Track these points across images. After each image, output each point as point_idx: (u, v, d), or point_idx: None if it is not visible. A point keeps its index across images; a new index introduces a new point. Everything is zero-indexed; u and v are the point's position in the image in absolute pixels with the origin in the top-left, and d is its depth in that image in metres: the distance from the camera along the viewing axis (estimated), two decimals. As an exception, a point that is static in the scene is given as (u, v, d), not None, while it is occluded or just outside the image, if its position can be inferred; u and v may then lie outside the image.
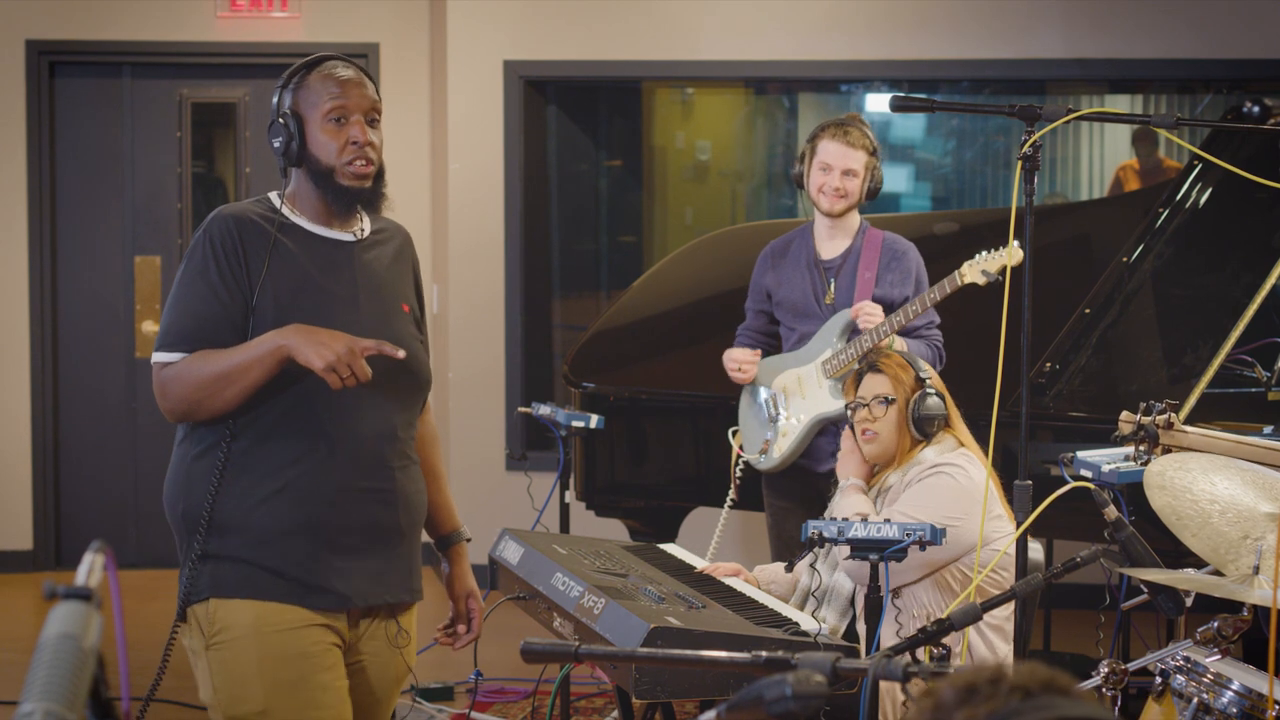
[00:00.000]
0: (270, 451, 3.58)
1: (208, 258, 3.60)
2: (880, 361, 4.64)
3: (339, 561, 3.61)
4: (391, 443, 3.69)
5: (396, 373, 3.69)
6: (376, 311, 3.72)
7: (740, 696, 2.10)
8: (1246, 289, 5.73)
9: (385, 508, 3.69)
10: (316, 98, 3.67)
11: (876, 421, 4.57)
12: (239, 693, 3.56)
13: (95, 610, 1.73)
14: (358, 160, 3.65)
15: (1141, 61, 8.52)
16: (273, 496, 3.57)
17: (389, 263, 3.81)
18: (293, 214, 3.70)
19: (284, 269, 3.62)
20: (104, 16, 8.96)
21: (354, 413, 3.62)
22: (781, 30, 8.58)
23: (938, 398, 4.55)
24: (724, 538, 6.06)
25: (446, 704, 6.52)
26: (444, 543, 4.01)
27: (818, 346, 5.52)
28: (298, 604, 3.57)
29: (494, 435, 8.71)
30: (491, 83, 8.66)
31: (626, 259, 9.91)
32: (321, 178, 3.67)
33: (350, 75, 3.69)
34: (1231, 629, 3.70)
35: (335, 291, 3.67)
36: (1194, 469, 3.79)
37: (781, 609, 4.38)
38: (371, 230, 3.80)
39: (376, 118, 3.71)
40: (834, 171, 5.47)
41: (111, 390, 9.02)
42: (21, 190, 8.94)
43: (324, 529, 3.59)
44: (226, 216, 3.66)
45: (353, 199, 3.69)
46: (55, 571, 8.97)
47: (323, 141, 3.66)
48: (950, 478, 4.39)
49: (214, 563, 3.58)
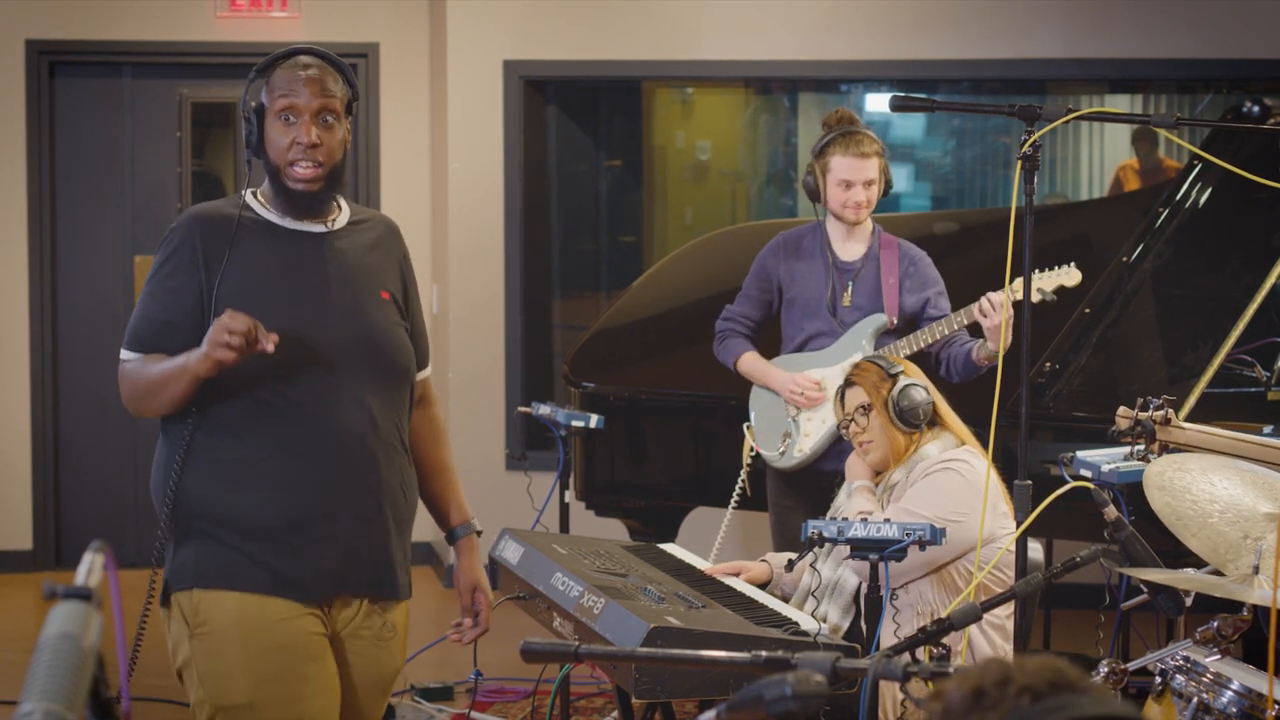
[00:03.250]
0: (249, 439, 3.59)
1: (168, 260, 3.66)
2: (851, 374, 4.66)
3: (319, 551, 3.61)
4: (372, 431, 3.68)
5: (370, 359, 3.69)
6: (348, 299, 3.70)
7: (740, 696, 2.10)
8: (1246, 289, 5.73)
9: (368, 497, 3.68)
10: (274, 94, 3.67)
11: (865, 431, 4.59)
12: (225, 685, 3.56)
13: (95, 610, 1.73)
14: (301, 162, 3.64)
15: (1141, 61, 8.52)
16: (253, 484, 3.58)
17: (366, 250, 3.78)
18: (263, 208, 3.71)
19: (245, 267, 3.63)
20: (104, 16, 8.95)
21: (329, 401, 3.62)
22: (781, 30, 8.57)
23: (918, 387, 4.55)
24: (727, 537, 6.06)
25: (446, 704, 6.51)
26: (453, 535, 4.01)
27: (845, 349, 5.49)
28: (280, 596, 3.57)
29: (494, 435, 8.71)
30: (491, 82, 8.65)
31: (626, 259, 9.90)
32: (272, 175, 3.69)
33: (310, 73, 3.66)
34: (1231, 629, 3.70)
35: (301, 281, 3.66)
36: (1194, 469, 3.79)
37: (781, 609, 4.38)
38: (349, 220, 3.79)
39: (330, 118, 3.67)
40: (855, 186, 5.46)
41: (111, 390, 8.90)
42: (21, 190, 8.93)
43: (305, 518, 3.59)
44: (190, 217, 3.71)
45: (300, 202, 3.68)
46: (55, 571, 8.97)
47: (273, 139, 3.67)
48: (957, 474, 4.39)
49: (195, 550, 3.59)
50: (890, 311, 5.47)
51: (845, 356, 5.48)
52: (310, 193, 3.67)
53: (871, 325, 5.47)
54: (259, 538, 3.57)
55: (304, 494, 3.60)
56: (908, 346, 5.29)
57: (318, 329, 3.63)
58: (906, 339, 5.35)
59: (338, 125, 3.69)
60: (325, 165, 3.66)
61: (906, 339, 5.35)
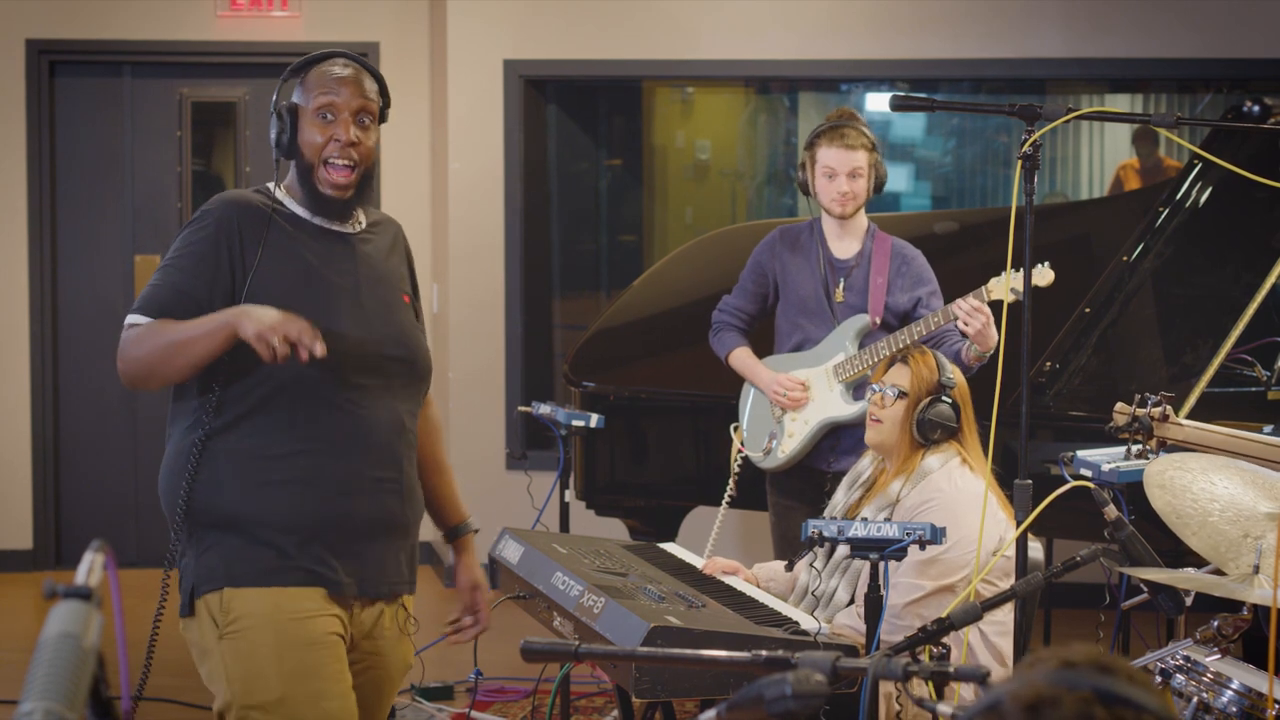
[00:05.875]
0: (279, 438, 3.59)
1: (205, 238, 3.62)
2: (911, 355, 4.62)
3: (350, 549, 3.63)
4: (400, 433, 3.72)
5: (399, 362, 3.72)
6: (378, 303, 3.74)
7: (740, 696, 2.10)
8: (1246, 288, 5.73)
9: (394, 498, 3.71)
10: (311, 92, 3.69)
11: (884, 410, 4.57)
12: (256, 682, 3.56)
13: (95, 609, 1.73)
14: (337, 160, 3.65)
15: (1141, 61, 8.52)
16: (284, 482, 3.58)
17: (387, 254, 3.84)
18: (293, 203, 3.73)
19: (282, 257, 3.64)
20: (104, 16, 8.95)
21: (362, 402, 3.64)
22: (782, 29, 8.58)
23: (950, 407, 4.51)
24: (723, 537, 6.06)
25: (446, 703, 6.52)
26: (452, 534, 4.03)
27: (829, 349, 5.50)
28: (314, 585, 3.58)
29: (494, 434, 8.71)
30: (492, 82, 8.66)
31: (627, 258, 9.91)
32: (304, 174, 3.69)
33: (347, 74, 3.71)
34: (1231, 628, 3.71)
35: (337, 283, 3.69)
36: (1194, 468, 3.79)
37: (781, 608, 4.38)
38: (367, 224, 3.83)
39: (368, 120, 3.71)
40: (839, 176, 5.46)
41: (112, 389, 9.01)
42: (21, 189, 8.94)
43: (336, 518, 3.61)
44: (229, 200, 3.70)
45: (330, 208, 3.71)
46: (55, 571, 8.97)
47: (309, 137, 3.68)
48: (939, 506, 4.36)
49: (223, 551, 3.58)
50: (874, 311, 5.47)
51: (830, 357, 5.49)
52: (341, 200, 3.70)
53: (855, 326, 5.47)
54: (291, 534, 3.57)
55: (335, 493, 3.61)
56: (889, 346, 5.28)
57: (352, 330, 3.65)
58: (887, 339, 5.34)
59: (373, 128, 3.74)
60: (360, 166, 3.69)
61: (887, 339, 5.34)
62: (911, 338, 5.23)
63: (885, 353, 5.22)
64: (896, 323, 5.48)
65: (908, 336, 5.24)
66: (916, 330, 5.25)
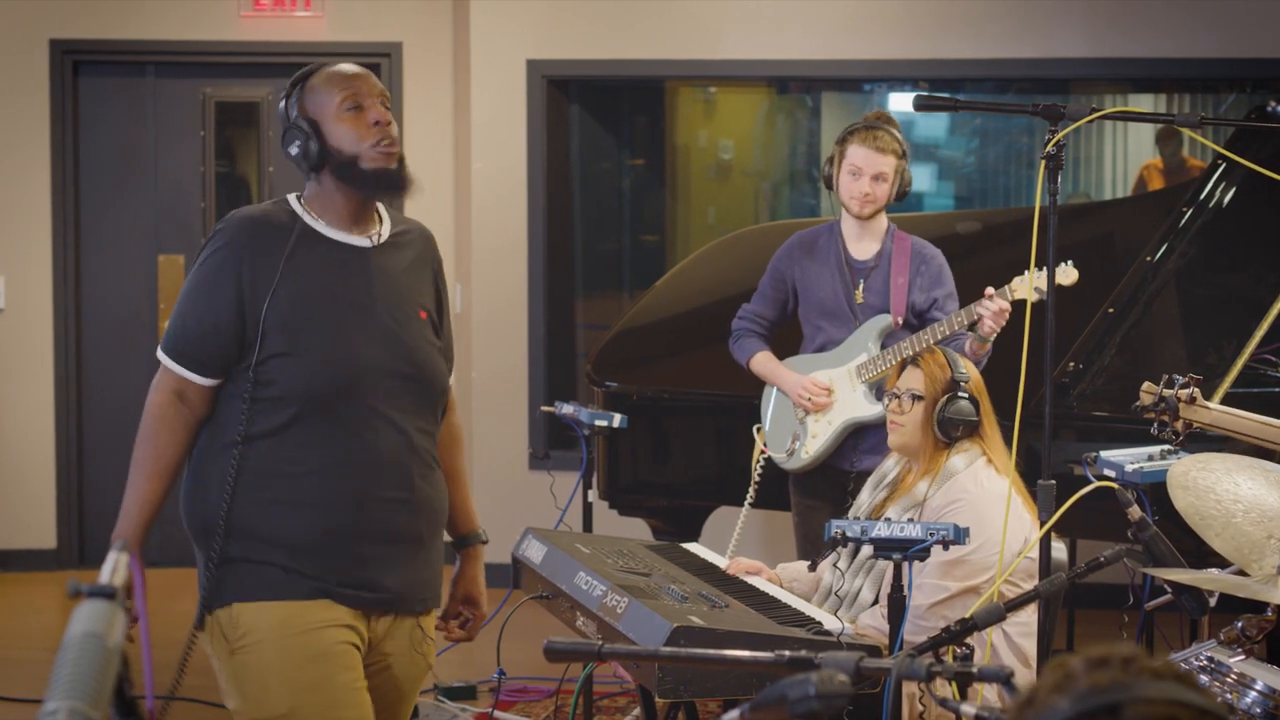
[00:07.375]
0: (289, 460, 3.59)
1: (217, 264, 3.61)
2: (922, 357, 4.62)
3: (361, 567, 3.62)
4: (411, 451, 3.70)
5: (409, 382, 3.70)
6: (391, 319, 3.70)
7: (764, 696, 2.10)
8: (1270, 288, 5.72)
9: (407, 515, 3.70)
10: (326, 96, 3.66)
11: (903, 415, 4.56)
12: (264, 697, 3.57)
13: (119, 609, 1.73)
14: (382, 140, 3.64)
15: (1165, 61, 8.49)
16: (294, 504, 3.58)
17: (407, 267, 3.78)
18: (311, 218, 3.69)
19: (299, 276, 3.61)
20: (127, 16, 8.98)
21: (369, 422, 3.62)
22: (804, 29, 8.57)
23: (969, 402, 4.51)
24: (746, 537, 6.05)
25: (469, 703, 6.52)
26: (460, 543, 4.02)
27: (852, 350, 5.50)
28: (319, 604, 3.58)
29: (517, 434, 8.72)
30: (514, 82, 8.66)
31: (649, 258, 9.91)
32: (346, 169, 3.64)
33: (357, 70, 3.71)
34: (1255, 629, 3.69)
35: (350, 299, 3.66)
36: (1218, 469, 3.78)
37: (805, 608, 4.38)
38: (391, 233, 3.78)
39: (387, 107, 3.71)
40: (863, 177, 5.45)
41: (135, 389, 8.98)
42: (45, 189, 8.96)
43: (346, 537, 3.60)
44: (242, 219, 3.66)
45: (380, 182, 3.66)
46: (79, 570, 8.99)
47: (342, 132, 3.64)
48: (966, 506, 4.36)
49: (235, 567, 3.59)
50: (896, 311, 5.46)
51: (852, 358, 5.49)
52: (389, 171, 3.65)
53: (877, 326, 5.47)
54: (299, 554, 3.57)
55: (344, 513, 3.60)
56: (911, 347, 5.28)
57: (361, 348, 3.63)
58: (910, 339, 5.33)
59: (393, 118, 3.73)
60: (399, 145, 3.68)
61: (910, 339, 5.33)
62: (935, 338, 5.22)
63: (909, 352, 5.22)
64: (917, 322, 5.47)
65: (931, 337, 5.24)
66: (940, 330, 5.24)
